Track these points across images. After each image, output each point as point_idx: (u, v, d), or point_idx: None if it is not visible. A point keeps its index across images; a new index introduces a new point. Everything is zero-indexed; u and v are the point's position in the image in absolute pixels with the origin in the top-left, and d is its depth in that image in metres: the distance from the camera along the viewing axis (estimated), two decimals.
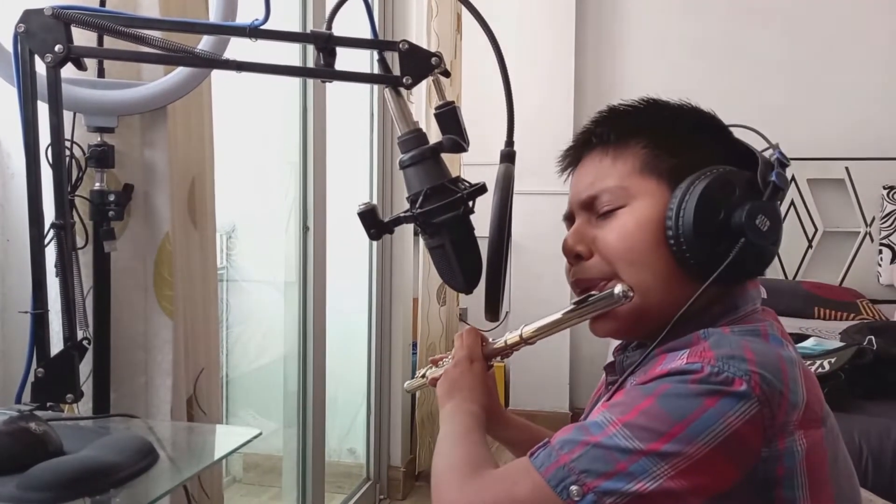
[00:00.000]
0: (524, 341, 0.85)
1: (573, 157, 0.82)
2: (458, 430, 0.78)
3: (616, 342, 0.87)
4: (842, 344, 2.00)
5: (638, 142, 0.75)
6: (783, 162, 0.72)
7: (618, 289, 0.72)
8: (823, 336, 2.23)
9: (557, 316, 0.80)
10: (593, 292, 0.75)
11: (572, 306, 0.77)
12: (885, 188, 3.14)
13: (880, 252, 3.15)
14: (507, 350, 0.87)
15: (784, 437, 0.63)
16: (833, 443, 0.68)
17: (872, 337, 1.95)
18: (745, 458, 0.62)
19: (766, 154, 0.74)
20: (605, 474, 0.60)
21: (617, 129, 0.77)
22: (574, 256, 0.78)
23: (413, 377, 1.01)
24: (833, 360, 1.81)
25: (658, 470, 0.60)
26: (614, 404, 0.65)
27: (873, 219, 3.18)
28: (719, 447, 0.60)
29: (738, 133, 0.79)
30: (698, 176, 0.70)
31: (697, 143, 0.75)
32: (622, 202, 0.74)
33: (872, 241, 3.19)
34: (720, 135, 0.77)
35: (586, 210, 0.78)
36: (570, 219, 0.81)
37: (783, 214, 3.02)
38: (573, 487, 0.61)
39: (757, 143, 0.76)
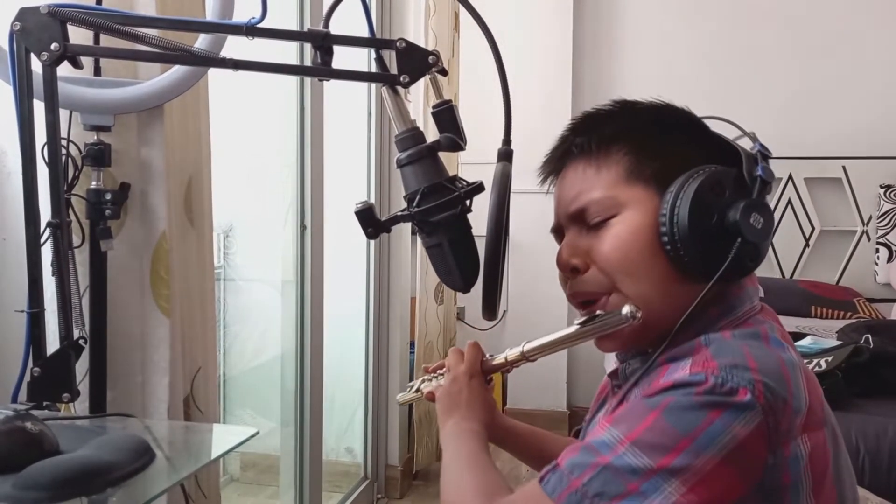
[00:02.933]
0: (525, 358, 0.84)
1: (554, 168, 0.81)
2: (464, 455, 0.77)
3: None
4: (839, 342, 2.00)
5: (620, 148, 0.75)
6: (765, 154, 0.72)
7: (626, 310, 0.71)
8: (820, 335, 2.23)
9: (562, 334, 0.80)
10: (598, 312, 0.75)
11: (577, 326, 0.77)
12: (882, 187, 3.14)
13: (877, 251, 3.16)
14: (507, 366, 0.86)
15: (788, 442, 0.62)
16: (834, 443, 0.68)
17: (869, 335, 1.96)
18: (751, 467, 0.61)
19: (747, 146, 0.73)
20: (618, 496, 0.60)
21: (597, 137, 0.76)
22: (570, 270, 0.77)
23: (408, 384, 0.99)
24: (830, 359, 1.81)
25: (669, 487, 0.59)
26: (619, 420, 0.65)
27: (870, 217, 3.19)
28: (727, 458, 0.60)
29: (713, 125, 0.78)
30: (686, 178, 0.70)
31: (678, 144, 0.74)
32: (612, 211, 0.73)
33: (869, 239, 3.19)
34: (698, 131, 0.77)
35: (575, 222, 0.77)
36: (558, 231, 0.81)
37: (780, 214, 3.02)
38: None
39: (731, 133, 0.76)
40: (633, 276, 0.72)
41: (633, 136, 0.75)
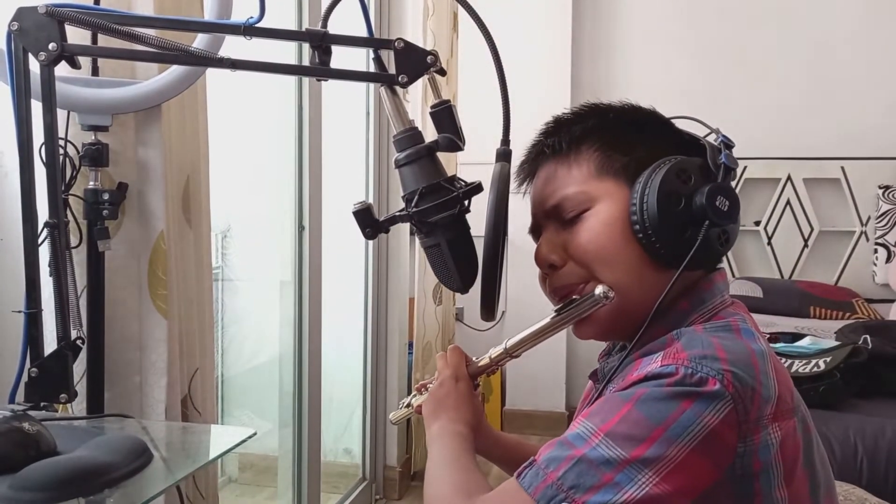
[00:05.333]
0: (509, 355, 0.85)
1: (528, 171, 0.84)
2: (448, 455, 0.78)
3: (601, 349, 0.88)
4: (837, 343, 2.00)
5: (589, 146, 0.78)
6: (728, 144, 0.75)
7: (598, 290, 0.73)
8: (819, 335, 2.23)
9: (540, 325, 0.81)
10: (574, 297, 0.77)
11: (554, 313, 0.79)
12: (880, 188, 3.15)
13: (875, 251, 3.16)
14: (493, 366, 0.87)
15: (759, 430, 0.64)
16: (806, 431, 0.69)
17: (867, 336, 1.96)
18: (722, 455, 0.63)
19: (711, 139, 0.76)
20: (592, 488, 0.61)
21: (567, 137, 0.79)
22: (548, 266, 0.79)
23: (401, 402, 1.00)
24: (828, 360, 1.81)
25: (643, 478, 0.60)
26: (593, 413, 0.66)
27: (868, 218, 3.19)
28: (698, 447, 0.61)
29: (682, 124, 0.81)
30: (654, 169, 0.73)
31: (645, 139, 0.77)
32: (586, 206, 0.76)
33: (868, 240, 3.20)
34: (664, 128, 0.80)
35: (551, 219, 0.80)
36: (535, 231, 0.83)
37: (779, 214, 3.03)
38: None
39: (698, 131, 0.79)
40: (609, 264, 0.74)
41: (602, 133, 0.78)
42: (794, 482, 0.66)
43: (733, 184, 0.75)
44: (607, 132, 0.78)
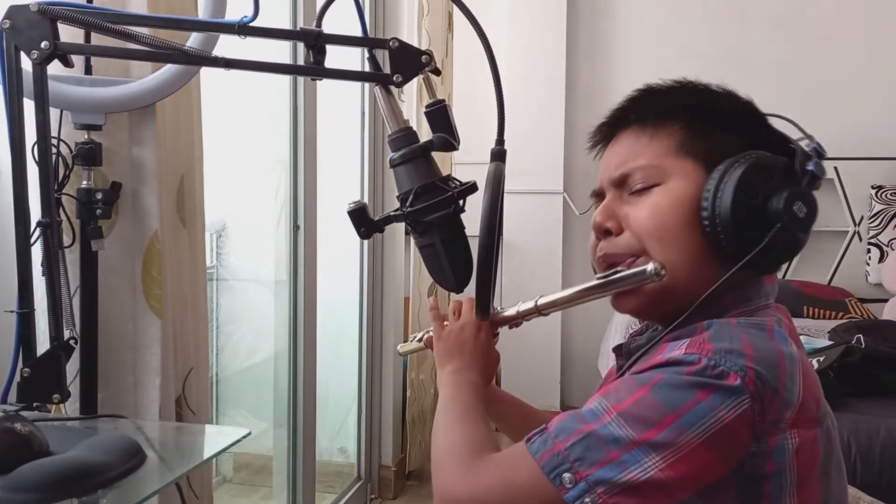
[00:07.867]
0: (538, 311, 0.83)
1: (606, 133, 0.81)
2: (459, 405, 0.78)
3: (597, 348, 0.87)
4: (831, 342, 2.01)
5: (675, 122, 0.75)
6: (821, 152, 0.72)
7: (650, 266, 0.70)
8: (812, 335, 2.23)
9: (578, 288, 0.79)
10: (620, 268, 0.74)
11: (598, 280, 0.76)
12: (873, 188, 3.16)
13: (868, 251, 3.17)
14: (518, 319, 0.86)
15: (775, 433, 0.63)
16: (828, 444, 0.68)
17: (861, 335, 1.96)
18: (733, 452, 0.62)
19: (803, 144, 0.73)
20: (597, 463, 0.61)
21: (655, 108, 0.76)
22: (603, 232, 0.77)
23: (411, 335, 0.99)
24: (822, 359, 1.82)
25: (649, 461, 0.60)
26: (610, 392, 0.65)
27: (862, 218, 3.20)
28: (709, 440, 0.60)
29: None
30: (736, 160, 0.70)
31: (734, 128, 0.74)
32: (656, 180, 0.73)
33: (861, 240, 3.21)
34: (756, 122, 0.77)
35: (617, 187, 0.77)
36: (599, 195, 0.80)
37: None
38: (566, 475, 0.62)
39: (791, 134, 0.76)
40: (664, 243, 0.72)
41: (692, 112, 0.75)
42: (806, 492, 0.65)
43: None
44: (697, 112, 0.75)
